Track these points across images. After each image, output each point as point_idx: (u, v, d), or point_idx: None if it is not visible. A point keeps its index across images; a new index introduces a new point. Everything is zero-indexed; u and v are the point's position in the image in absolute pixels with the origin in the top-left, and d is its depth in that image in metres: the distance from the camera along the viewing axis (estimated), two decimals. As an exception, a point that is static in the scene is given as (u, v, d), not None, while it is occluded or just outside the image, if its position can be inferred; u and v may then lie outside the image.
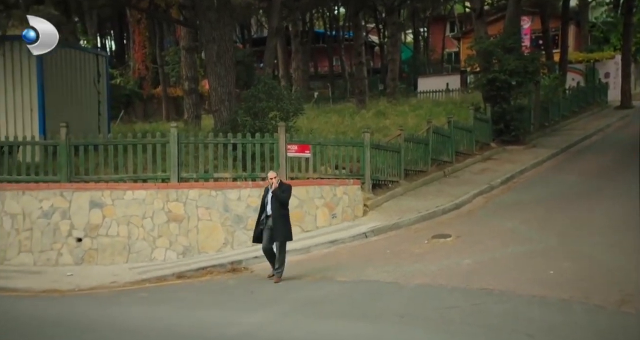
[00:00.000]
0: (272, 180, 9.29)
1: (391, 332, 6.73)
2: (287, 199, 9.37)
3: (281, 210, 9.24)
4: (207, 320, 7.74)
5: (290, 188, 9.57)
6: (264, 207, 9.36)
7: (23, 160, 12.40)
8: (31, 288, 9.68)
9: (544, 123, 23.34)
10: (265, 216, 9.30)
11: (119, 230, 11.20)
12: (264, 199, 9.46)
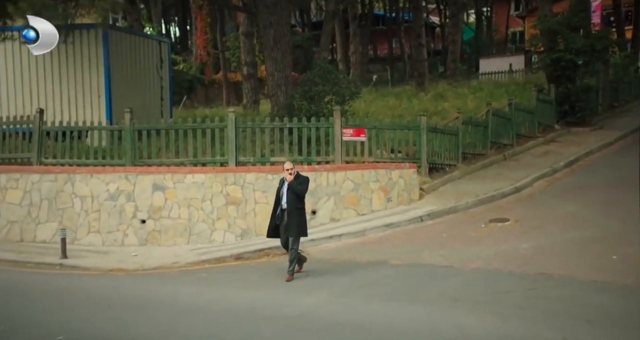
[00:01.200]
0: (287, 171, 8.73)
1: (445, 315, 6.71)
2: (304, 192, 8.83)
3: (297, 203, 8.74)
4: (263, 300, 7.94)
5: (308, 180, 8.99)
6: (279, 200, 8.85)
7: (91, 145, 12.97)
8: (99, 267, 10.17)
9: (613, 103, 22.33)
10: (281, 210, 8.81)
11: (180, 213, 11.58)
12: (279, 191, 8.91)
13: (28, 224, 11.98)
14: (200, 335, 6.57)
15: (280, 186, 8.95)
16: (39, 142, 12.76)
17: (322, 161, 12.32)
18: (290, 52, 15.46)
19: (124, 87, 15.61)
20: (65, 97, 15.01)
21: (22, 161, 12.94)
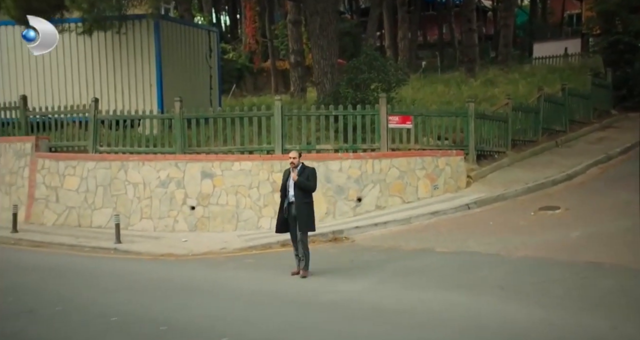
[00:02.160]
0: (292, 160, 8.29)
1: (490, 303, 6.65)
2: (314, 188, 8.42)
3: (304, 197, 8.29)
4: (308, 286, 8.05)
5: (315, 173, 8.50)
6: (286, 193, 8.35)
7: (143, 133, 13.35)
8: (151, 252, 10.51)
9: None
10: (288, 203, 8.32)
11: (228, 200, 11.82)
12: (285, 183, 8.38)
13: (85, 209, 12.48)
14: (245, 320, 6.73)
15: (286, 178, 8.45)
16: (94, 131, 13.22)
17: (367, 149, 12.31)
18: (336, 40, 15.44)
19: (174, 76, 15.95)
20: (119, 87, 15.47)
21: (79, 149, 13.45)
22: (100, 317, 6.81)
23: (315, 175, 8.50)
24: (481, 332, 5.84)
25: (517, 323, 5.99)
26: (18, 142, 13.44)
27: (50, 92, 15.56)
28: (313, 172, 8.47)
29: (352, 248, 10.08)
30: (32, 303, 7.36)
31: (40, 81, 15.69)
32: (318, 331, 6.22)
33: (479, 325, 6.05)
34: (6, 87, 15.69)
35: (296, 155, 8.42)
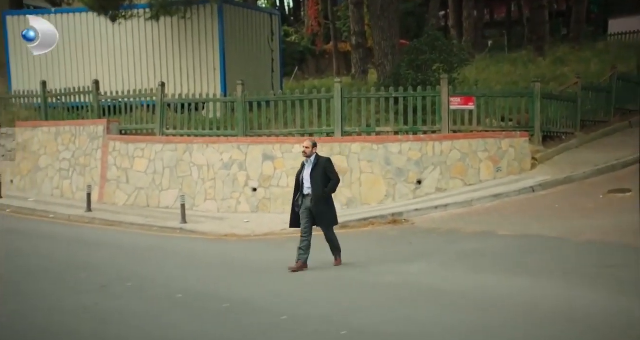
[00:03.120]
0: (304, 149, 7.87)
1: (550, 288, 6.51)
2: (338, 180, 7.94)
3: (325, 190, 7.81)
4: (367, 267, 8.11)
5: (332, 163, 8.02)
6: (300, 185, 7.88)
7: (207, 116, 13.69)
8: (215, 232, 10.84)
9: None
10: (302, 195, 7.85)
11: (289, 182, 11.97)
12: (299, 175, 7.94)
13: (153, 190, 12.98)
14: (304, 299, 6.87)
15: (300, 169, 8.00)
16: (161, 114, 13.67)
17: (428, 131, 12.16)
18: (398, 21, 15.24)
19: (237, 60, 16.22)
20: (185, 71, 15.86)
21: (147, 132, 13.94)
22: (166, 293, 7.11)
23: (333, 165, 8.01)
24: (542, 317, 5.74)
25: (579, 309, 5.84)
26: (91, 125, 14.08)
27: (121, 77, 16.14)
28: (329, 162, 7.97)
29: (411, 230, 10.05)
30: (105, 279, 7.77)
31: (112, 66, 16.30)
32: (377, 311, 6.28)
33: (540, 309, 5.94)
34: (80, 73, 16.38)
35: (309, 144, 7.92)
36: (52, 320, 6.17)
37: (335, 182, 7.93)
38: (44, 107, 15.26)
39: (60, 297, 7.02)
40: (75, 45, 16.53)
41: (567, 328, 5.32)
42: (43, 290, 7.35)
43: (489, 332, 5.50)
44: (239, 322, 6.16)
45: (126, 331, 5.87)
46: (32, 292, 7.24)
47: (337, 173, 8.04)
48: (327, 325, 5.91)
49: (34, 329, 5.93)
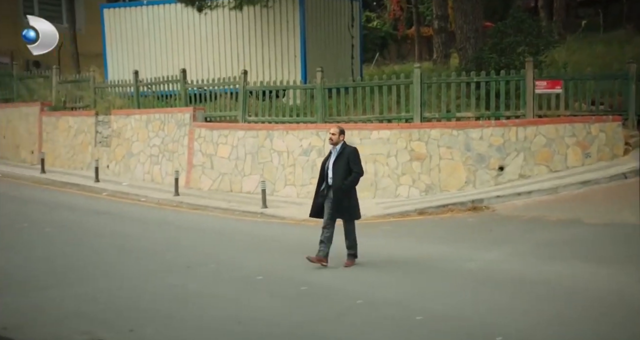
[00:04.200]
0: (331, 136, 7.47)
1: (636, 279, 6.21)
2: (361, 172, 7.51)
3: (344, 183, 7.36)
4: (445, 254, 8.05)
5: (357, 153, 7.52)
6: (325, 175, 7.49)
7: (287, 103, 13.93)
8: (294, 217, 11.05)
9: None
10: (327, 186, 7.44)
11: (367, 168, 11.87)
12: (324, 164, 7.57)
13: (235, 176, 13.40)
14: (380, 283, 6.93)
15: (326, 158, 7.63)
16: (244, 101, 14.03)
17: (511, 116, 11.77)
18: (481, 3, 14.78)
19: (317, 47, 16.33)
20: (267, 59, 16.16)
21: (230, 119, 14.36)
22: (246, 275, 7.37)
23: (358, 156, 7.50)
24: (626, 310, 5.50)
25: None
26: (178, 112, 14.68)
27: (207, 66, 16.67)
28: (354, 152, 7.48)
29: (492, 217, 9.84)
30: (189, 260, 8.15)
31: (198, 55, 16.86)
32: (454, 298, 6.27)
33: (624, 302, 5.69)
34: (169, 62, 17.04)
35: (337, 131, 7.47)
36: (140, 298, 6.57)
37: (356, 175, 7.41)
38: (136, 95, 16.05)
39: (148, 276, 7.44)
40: (165, 35, 17.21)
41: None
42: (132, 269, 7.81)
43: (566, 322, 5.34)
44: (315, 304, 6.31)
45: (207, 311, 6.15)
46: (122, 271, 7.72)
47: (360, 165, 7.49)
48: (402, 310, 5.95)
49: (123, 305, 6.34)
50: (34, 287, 6.84)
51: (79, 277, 7.31)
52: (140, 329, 5.56)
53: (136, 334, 5.44)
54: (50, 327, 5.59)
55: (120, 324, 5.71)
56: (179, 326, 5.67)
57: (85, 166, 16.06)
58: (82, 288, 6.82)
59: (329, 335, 5.42)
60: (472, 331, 5.35)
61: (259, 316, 5.95)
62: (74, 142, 16.61)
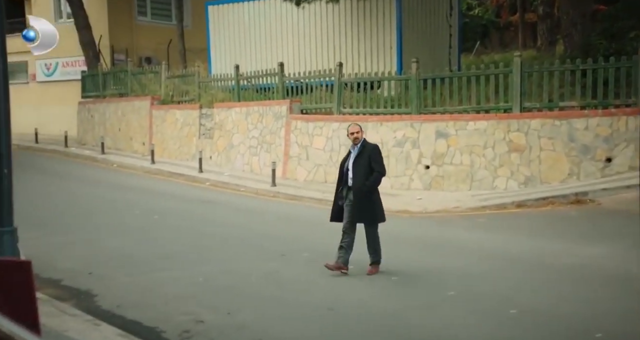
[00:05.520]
0: (352, 135, 6.95)
1: None
2: (384, 172, 6.96)
3: (365, 183, 6.83)
4: (543, 248, 7.80)
5: (379, 151, 7.11)
6: (344, 175, 6.99)
7: (382, 94, 13.93)
8: (387, 208, 10.92)
9: None
10: (347, 188, 6.93)
11: (462, 159, 11.80)
12: (343, 163, 7.06)
13: (330, 167, 13.60)
14: (473, 276, 6.83)
15: (346, 156, 7.11)
16: (339, 93, 14.19)
17: (620, 104, 11.10)
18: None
19: (414, 37, 16.17)
20: (362, 51, 16.24)
21: (325, 111, 14.59)
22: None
23: (380, 154, 7.08)
24: None
25: None
26: (276, 105, 15.11)
27: (303, 59, 17.02)
28: (376, 150, 7.06)
29: (597, 211, 9.40)
30: (284, 248, 8.42)
31: (295, 49, 17.24)
32: (550, 292, 6.11)
33: None
34: (268, 56, 17.57)
35: (359, 129, 7.01)
36: (237, 283, 6.89)
37: (378, 175, 6.89)
38: (237, 89, 16.68)
39: (245, 262, 7.77)
40: (265, 30, 17.73)
41: None
42: (231, 255, 8.20)
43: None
44: (405, 294, 6.35)
45: (300, 297, 6.37)
46: (222, 256, 8.12)
47: (383, 164, 7.00)
48: (496, 303, 5.86)
49: (222, 288, 6.68)
50: (145, 270, 7.36)
51: (184, 261, 7.77)
52: (237, 312, 5.86)
53: (233, 317, 5.73)
54: (157, 307, 6.00)
55: (219, 306, 6.03)
56: (273, 310, 5.92)
57: (190, 157, 16.94)
58: (186, 272, 7.25)
59: (419, 324, 5.46)
60: (569, 326, 5.19)
61: (350, 304, 6.08)
62: (180, 134, 17.57)
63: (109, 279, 6.92)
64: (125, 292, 6.45)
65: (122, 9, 23.39)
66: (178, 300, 6.19)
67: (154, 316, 5.70)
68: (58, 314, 5.43)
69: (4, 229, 4.92)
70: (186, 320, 5.56)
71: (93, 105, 21.23)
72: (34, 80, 25.44)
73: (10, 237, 4.97)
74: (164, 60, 20.77)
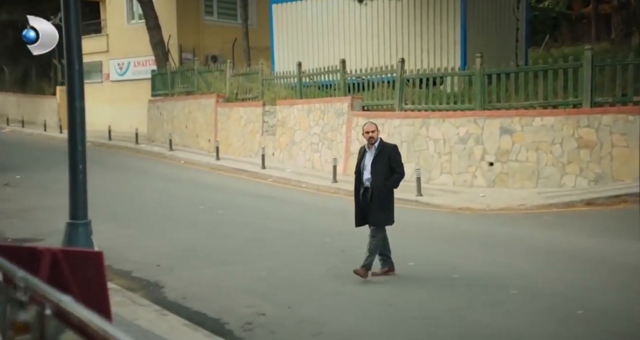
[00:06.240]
0: (371, 135, 6.66)
1: None
2: (403, 174, 6.76)
3: (384, 182, 6.62)
4: (613, 247, 7.56)
5: (398, 151, 6.82)
6: (361, 176, 6.78)
7: (444, 90, 13.74)
8: (449, 205, 10.97)
9: None
10: (364, 189, 6.72)
11: (528, 156, 11.50)
12: (359, 163, 6.80)
13: (392, 163, 13.55)
14: (537, 274, 6.69)
15: (361, 157, 6.84)
16: (400, 90, 14.11)
17: None
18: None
19: (478, 32, 15.85)
20: (425, 46, 16.05)
21: (387, 107, 14.54)
22: (398, 261, 7.49)
23: (399, 155, 6.84)
24: None
25: None
26: (337, 102, 15.18)
27: (365, 55, 17.00)
28: (396, 150, 6.80)
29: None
30: (345, 245, 8.48)
31: (357, 45, 17.24)
32: (619, 293, 5.91)
33: None
34: (330, 53, 17.66)
35: (374, 128, 6.75)
36: (298, 277, 7.00)
37: (399, 176, 6.73)
38: (299, 86, 16.86)
39: (307, 257, 7.88)
40: (327, 27, 17.82)
41: None
42: (293, 250, 8.33)
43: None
44: (466, 292, 6.28)
45: (359, 293, 6.42)
46: (284, 251, 8.26)
47: (402, 165, 6.83)
48: (561, 303, 5.73)
49: (284, 283, 6.80)
50: (209, 263, 7.59)
51: (246, 255, 7.97)
52: (297, 306, 5.96)
53: (294, 310, 5.84)
54: (221, 299, 6.18)
55: (280, 300, 6.16)
56: (332, 305, 5.99)
57: (253, 154, 17.28)
58: (249, 266, 7.43)
59: (480, 323, 5.40)
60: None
61: (409, 300, 6.08)
62: (244, 131, 17.94)
63: (176, 272, 7.18)
64: (190, 285, 6.68)
65: (190, 9, 24.07)
66: (241, 293, 6.36)
67: (217, 308, 5.88)
68: (129, 304, 5.69)
69: (79, 222, 5.20)
70: (248, 313, 5.71)
71: (162, 103, 21.97)
72: (107, 79, 26.57)
73: (85, 230, 5.24)
74: (229, 58, 21.24)
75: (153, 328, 5.02)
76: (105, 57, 25.95)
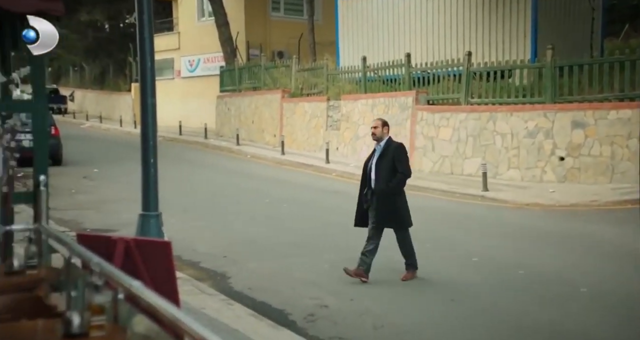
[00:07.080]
0: (372, 130, 6.44)
1: None
2: (408, 174, 6.41)
3: (388, 185, 6.31)
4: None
5: (404, 151, 6.49)
6: (368, 177, 6.49)
7: (513, 83, 13.40)
8: (516, 201, 10.73)
9: None
10: (369, 190, 6.43)
11: (602, 150, 11.07)
12: (367, 164, 6.52)
13: (456, 158, 13.38)
14: (606, 272, 6.48)
15: (369, 157, 6.55)
16: (467, 83, 13.86)
17: None
18: None
19: (550, 23, 15.34)
20: (493, 39, 15.69)
21: (452, 101, 14.33)
22: (461, 255, 7.45)
23: (405, 154, 6.51)
24: None
25: None
26: (402, 96, 15.08)
27: (431, 49, 16.79)
28: (400, 149, 6.45)
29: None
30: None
31: (422, 39, 17.05)
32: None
33: None
34: (395, 47, 17.55)
35: (379, 123, 6.46)
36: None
37: (402, 176, 6.37)
38: (363, 80, 16.85)
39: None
40: (392, 21, 17.70)
41: None
42: (356, 244, 8.27)
43: None
44: (530, 289, 6.16)
45: (421, 287, 6.40)
46: (347, 245, 8.26)
47: (407, 164, 6.44)
48: (630, 303, 5.54)
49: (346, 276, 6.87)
50: (274, 255, 7.76)
51: (310, 248, 8.09)
52: (359, 298, 6.03)
53: (356, 303, 5.91)
54: (285, 291, 6.32)
55: (342, 292, 6.23)
56: (394, 298, 6.03)
57: (317, 148, 17.43)
58: (312, 258, 7.55)
59: (545, 320, 5.30)
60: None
61: (472, 296, 6.02)
62: (308, 125, 18.13)
63: (241, 263, 7.39)
64: (255, 276, 6.86)
65: (258, 6, 24.49)
66: (304, 285, 6.48)
67: (281, 299, 6.02)
68: (197, 293, 5.93)
69: (150, 214, 5.43)
70: (311, 305, 5.82)
71: (230, 98, 22.50)
72: (178, 76, 27.45)
73: (156, 221, 5.47)
74: (295, 54, 21.47)
75: (219, 317, 5.21)
76: (177, 54, 26.80)
